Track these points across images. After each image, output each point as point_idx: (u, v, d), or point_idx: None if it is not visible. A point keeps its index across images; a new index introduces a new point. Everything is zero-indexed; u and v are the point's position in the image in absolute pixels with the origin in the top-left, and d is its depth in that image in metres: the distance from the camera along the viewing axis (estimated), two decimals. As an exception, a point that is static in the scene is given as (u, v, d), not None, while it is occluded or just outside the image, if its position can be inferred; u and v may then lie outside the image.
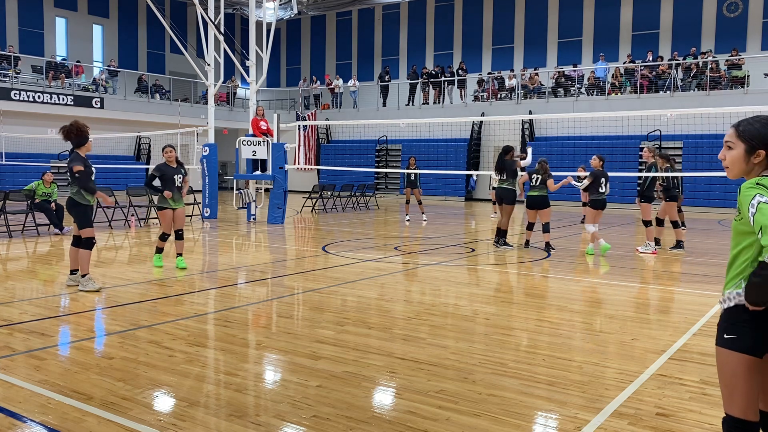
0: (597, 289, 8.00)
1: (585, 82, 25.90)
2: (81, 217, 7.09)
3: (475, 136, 27.20)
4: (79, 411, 3.65)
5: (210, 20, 16.87)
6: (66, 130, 6.99)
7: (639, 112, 19.35)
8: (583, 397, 3.97)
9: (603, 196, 10.49)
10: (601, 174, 10.44)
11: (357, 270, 8.86)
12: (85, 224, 7.10)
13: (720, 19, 25.65)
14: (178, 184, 8.38)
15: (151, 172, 8.02)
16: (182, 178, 8.45)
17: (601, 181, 10.42)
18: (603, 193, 10.47)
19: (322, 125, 30.38)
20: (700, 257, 10.67)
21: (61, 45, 29.98)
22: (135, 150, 29.05)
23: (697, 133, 22.29)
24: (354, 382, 4.21)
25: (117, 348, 4.90)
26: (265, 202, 17.35)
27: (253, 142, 15.55)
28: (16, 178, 22.16)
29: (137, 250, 10.86)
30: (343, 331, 5.52)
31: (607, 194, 10.56)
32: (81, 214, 7.09)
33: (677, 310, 6.57)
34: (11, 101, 23.78)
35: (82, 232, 7.08)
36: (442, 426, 3.51)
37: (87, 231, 7.09)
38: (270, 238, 12.88)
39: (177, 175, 8.39)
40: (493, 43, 30.70)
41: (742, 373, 2.42)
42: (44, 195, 12.57)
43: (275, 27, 18.11)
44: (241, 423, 3.52)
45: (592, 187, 10.48)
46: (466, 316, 6.17)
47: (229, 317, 6.02)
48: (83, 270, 7.07)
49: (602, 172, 10.51)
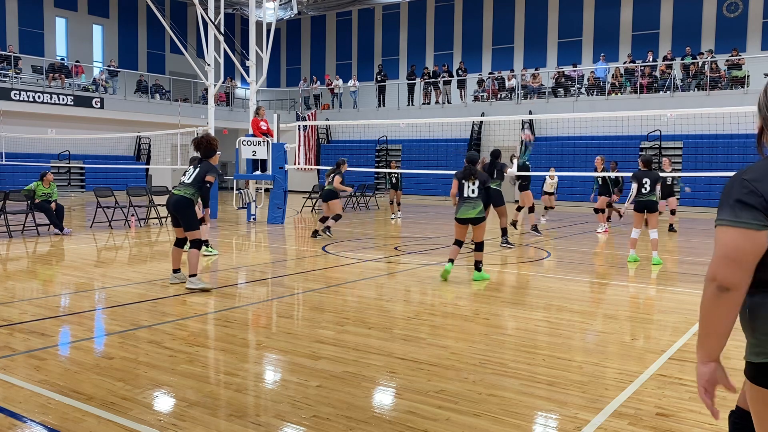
0: (597, 289, 8.00)
1: (585, 82, 25.90)
2: (193, 219, 7.22)
3: (475, 136, 27.19)
4: (79, 411, 3.65)
5: (210, 20, 16.87)
6: (197, 142, 7.47)
7: (639, 112, 19.35)
8: (583, 397, 3.97)
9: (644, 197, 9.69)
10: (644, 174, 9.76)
11: (357, 270, 8.87)
12: (196, 226, 7.25)
13: (720, 19, 25.65)
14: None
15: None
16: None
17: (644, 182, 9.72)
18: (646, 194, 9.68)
19: (322, 125, 30.37)
20: (700, 257, 10.67)
21: (61, 45, 29.98)
22: (135, 150, 29.06)
23: (697, 133, 22.28)
24: (354, 382, 4.21)
25: (117, 348, 4.90)
26: (265, 202, 17.36)
27: (253, 142, 15.55)
28: (16, 178, 22.15)
29: (137, 250, 10.86)
30: (343, 331, 5.52)
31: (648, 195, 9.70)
32: (192, 216, 7.23)
33: (677, 310, 6.57)
34: (11, 101, 23.79)
35: (191, 234, 7.22)
36: (442, 426, 3.51)
37: (197, 233, 7.26)
38: (270, 238, 12.88)
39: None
40: (493, 43, 30.69)
41: None
42: (44, 195, 12.56)
43: (275, 27, 18.11)
44: (241, 423, 3.52)
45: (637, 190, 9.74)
46: (466, 316, 6.17)
47: (229, 317, 6.02)
48: (192, 270, 7.20)
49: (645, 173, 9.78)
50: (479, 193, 7.99)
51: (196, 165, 7.45)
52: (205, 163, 7.41)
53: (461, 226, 8.10)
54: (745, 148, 21.37)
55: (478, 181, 8.00)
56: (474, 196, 7.98)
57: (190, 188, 7.24)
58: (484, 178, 8.07)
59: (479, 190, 8.00)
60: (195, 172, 7.31)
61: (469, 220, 7.99)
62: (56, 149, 25.43)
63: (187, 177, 7.35)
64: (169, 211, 7.36)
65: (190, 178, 7.29)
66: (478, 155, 8.38)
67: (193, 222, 7.20)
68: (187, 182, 7.28)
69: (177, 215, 7.22)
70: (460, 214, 8.03)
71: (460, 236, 8.15)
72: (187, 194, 7.20)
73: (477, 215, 7.95)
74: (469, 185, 8.01)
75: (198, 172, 7.29)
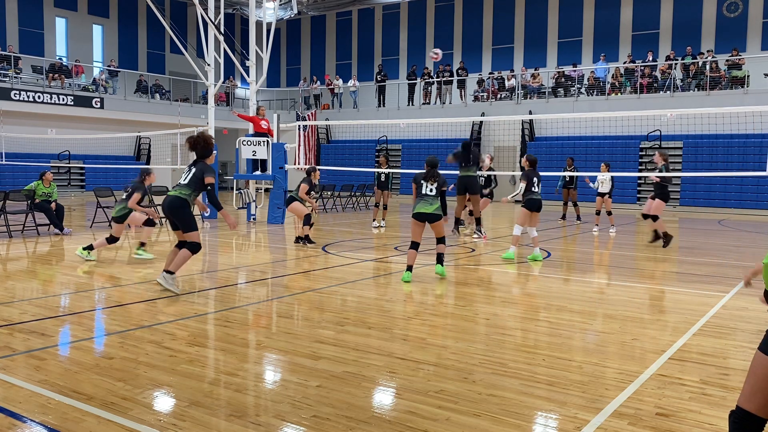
0: (597, 289, 8.00)
1: (585, 82, 25.91)
2: (188, 220, 7.05)
3: (475, 136, 27.20)
4: (79, 411, 3.65)
5: (210, 20, 16.87)
6: (193, 141, 7.11)
7: (639, 112, 19.36)
8: (583, 397, 3.97)
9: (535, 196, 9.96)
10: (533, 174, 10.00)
11: (357, 270, 8.87)
12: (193, 227, 7.08)
13: (720, 19, 25.65)
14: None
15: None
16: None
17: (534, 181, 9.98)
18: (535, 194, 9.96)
19: (322, 125, 30.38)
20: (700, 257, 10.67)
21: (61, 45, 29.99)
22: (135, 150, 29.06)
23: (697, 133, 22.29)
24: (354, 382, 4.21)
25: (117, 348, 4.90)
26: (265, 202, 17.35)
27: (253, 142, 15.56)
28: (16, 178, 22.16)
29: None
30: (343, 331, 5.52)
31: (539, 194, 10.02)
32: (188, 216, 7.05)
33: (677, 310, 6.57)
34: (11, 101, 23.79)
35: (189, 236, 7.05)
36: (442, 426, 3.51)
37: (194, 234, 7.07)
38: (270, 238, 12.88)
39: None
40: (493, 43, 30.70)
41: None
42: (44, 195, 12.56)
43: (275, 27, 18.12)
44: (241, 423, 3.52)
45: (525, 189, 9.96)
46: (466, 316, 6.17)
47: (229, 317, 6.02)
48: (174, 268, 7.01)
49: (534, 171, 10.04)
50: (437, 194, 8.13)
51: (191, 166, 7.22)
52: (200, 163, 7.14)
53: (418, 223, 8.09)
54: (745, 148, 21.38)
55: (437, 183, 8.13)
56: (432, 194, 8.10)
57: (186, 189, 7.03)
58: (442, 182, 8.21)
59: (437, 191, 8.12)
60: (191, 173, 7.11)
61: (426, 215, 8.02)
62: (56, 149, 25.42)
63: (183, 178, 7.15)
64: (164, 213, 7.16)
65: (187, 179, 7.09)
66: (437, 160, 8.46)
67: (189, 223, 7.04)
68: (183, 183, 7.09)
69: (171, 216, 7.05)
70: (417, 209, 8.07)
71: (416, 236, 8.11)
72: (182, 194, 6.99)
73: (434, 211, 8.02)
74: (427, 185, 8.14)
75: (194, 173, 7.08)
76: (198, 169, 7.09)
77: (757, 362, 2.52)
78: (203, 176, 7.04)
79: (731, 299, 7.07)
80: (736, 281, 8.19)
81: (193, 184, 7.06)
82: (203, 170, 7.07)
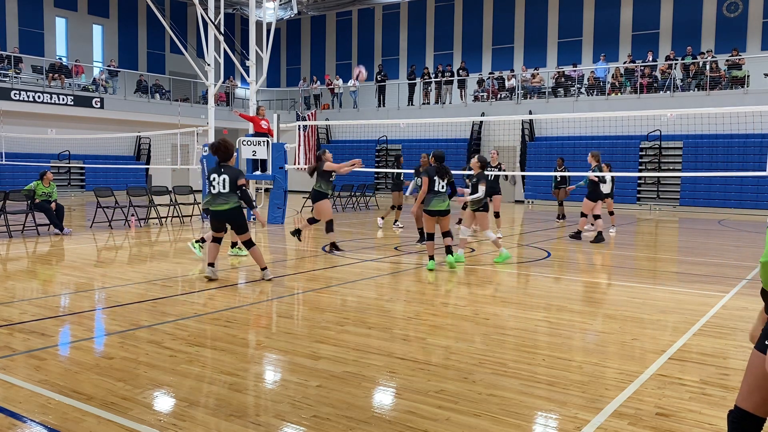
0: (597, 289, 8.00)
1: (585, 82, 25.90)
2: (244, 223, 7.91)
3: (475, 136, 27.20)
4: (79, 411, 3.65)
5: (210, 20, 16.86)
6: (215, 147, 7.89)
7: (639, 112, 19.35)
8: (583, 397, 3.97)
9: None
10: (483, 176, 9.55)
11: (357, 270, 8.87)
12: (246, 229, 7.92)
13: (720, 19, 25.65)
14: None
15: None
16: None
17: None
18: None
19: (322, 125, 30.37)
20: (700, 257, 10.68)
21: (61, 45, 29.98)
22: (135, 150, 29.06)
23: (697, 133, 22.29)
24: (354, 382, 4.21)
25: (117, 348, 4.90)
26: (265, 202, 17.35)
27: (253, 142, 15.56)
28: (16, 178, 22.15)
29: (137, 250, 10.86)
30: (343, 331, 5.52)
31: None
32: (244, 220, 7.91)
33: (677, 310, 6.57)
34: (11, 101, 23.79)
35: (243, 237, 7.90)
36: (442, 426, 3.51)
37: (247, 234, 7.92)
38: (270, 238, 12.88)
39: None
40: (493, 43, 30.69)
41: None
42: (44, 195, 12.56)
43: (275, 27, 18.11)
44: (241, 423, 3.52)
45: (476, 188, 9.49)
46: (466, 316, 6.17)
47: (229, 317, 6.02)
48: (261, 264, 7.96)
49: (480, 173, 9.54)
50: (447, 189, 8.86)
51: (220, 172, 7.77)
52: (229, 168, 7.80)
53: (432, 218, 8.82)
54: (744, 148, 21.37)
55: (447, 178, 8.80)
56: (443, 191, 8.78)
57: (233, 197, 7.75)
58: (452, 177, 8.89)
59: (447, 186, 8.86)
60: (226, 181, 7.72)
61: (440, 212, 8.78)
62: (56, 149, 25.42)
63: (221, 186, 7.73)
64: (221, 220, 7.87)
65: (226, 187, 7.72)
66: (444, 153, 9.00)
67: (244, 226, 7.87)
68: (225, 192, 7.73)
69: (232, 223, 7.84)
70: (432, 206, 8.73)
71: (431, 229, 8.89)
72: (235, 204, 7.77)
73: (447, 207, 8.84)
74: (440, 181, 8.75)
75: (230, 180, 7.71)
76: (231, 175, 7.76)
77: (753, 361, 2.52)
78: (237, 179, 7.76)
79: (731, 299, 7.07)
80: (736, 281, 8.19)
81: (233, 189, 7.77)
82: (236, 174, 7.79)
